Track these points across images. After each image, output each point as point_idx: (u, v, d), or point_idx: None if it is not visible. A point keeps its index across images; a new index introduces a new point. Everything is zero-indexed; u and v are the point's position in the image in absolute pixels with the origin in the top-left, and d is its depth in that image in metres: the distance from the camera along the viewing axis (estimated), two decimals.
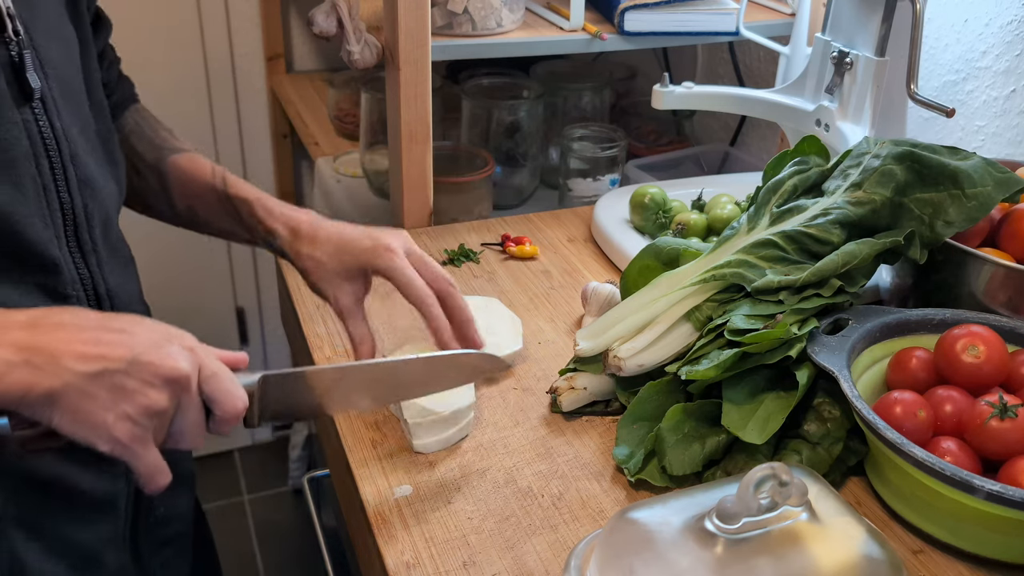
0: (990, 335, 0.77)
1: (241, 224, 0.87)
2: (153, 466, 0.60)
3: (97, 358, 0.56)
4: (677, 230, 1.11)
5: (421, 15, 1.07)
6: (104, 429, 0.56)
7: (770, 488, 0.60)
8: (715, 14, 1.27)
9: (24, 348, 0.55)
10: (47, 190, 0.67)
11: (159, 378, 0.58)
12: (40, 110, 0.67)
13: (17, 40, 0.65)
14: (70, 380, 0.55)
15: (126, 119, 0.91)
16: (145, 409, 0.57)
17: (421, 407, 0.80)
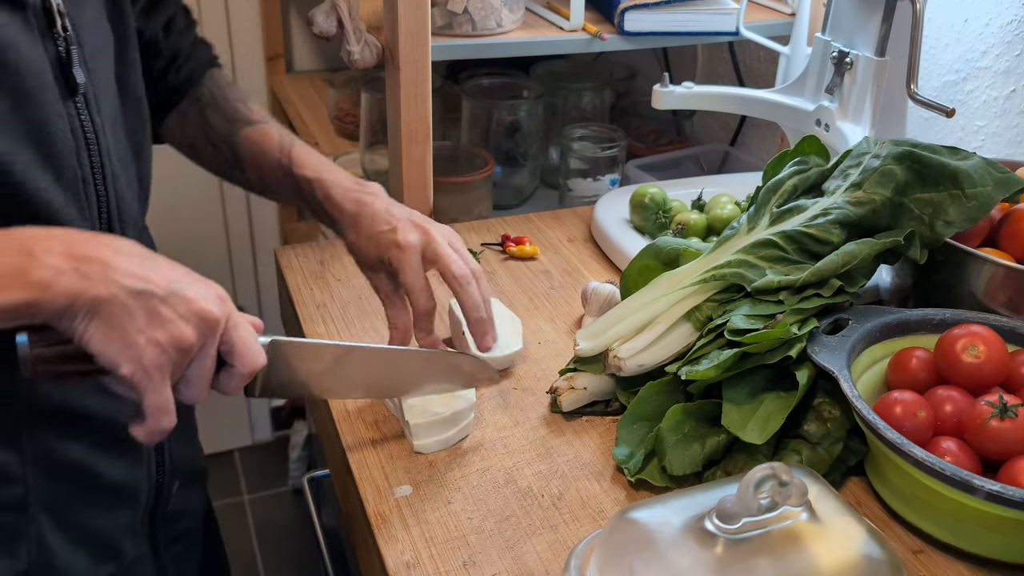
0: (990, 335, 0.77)
1: (304, 201, 0.88)
2: (164, 403, 0.59)
3: (143, 278, 0.57)
4: (677, 230, 1.11)
5: (421, 15, 1.07)
6: (134, 349, 0.57)
7: (770, 488, 0.60)
8: (715, 14, 1.27)
9: (74, 256, 0.56)
10: (86, 183, 0.69)
11: (193, 314, 0.59)
12: (82, 105, 0.68)
13: (65, 36, 0.66)
14: (116, 292, 0.56)
15: (202, 90, 0.92)
16: (175, 340, 0.58)
17: (422, 408, 0.80)
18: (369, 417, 0.86)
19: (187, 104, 0.93)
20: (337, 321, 1.00)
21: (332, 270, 1.10)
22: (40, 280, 0.54)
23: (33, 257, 0.55)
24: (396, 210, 0.82)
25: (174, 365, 0.59)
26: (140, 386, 0.58)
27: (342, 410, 0.87)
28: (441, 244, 0.80)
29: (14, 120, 0.62)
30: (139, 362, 0.57)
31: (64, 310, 0.55)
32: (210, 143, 0.92)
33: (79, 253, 0.56)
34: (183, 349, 0.59)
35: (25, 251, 0.55)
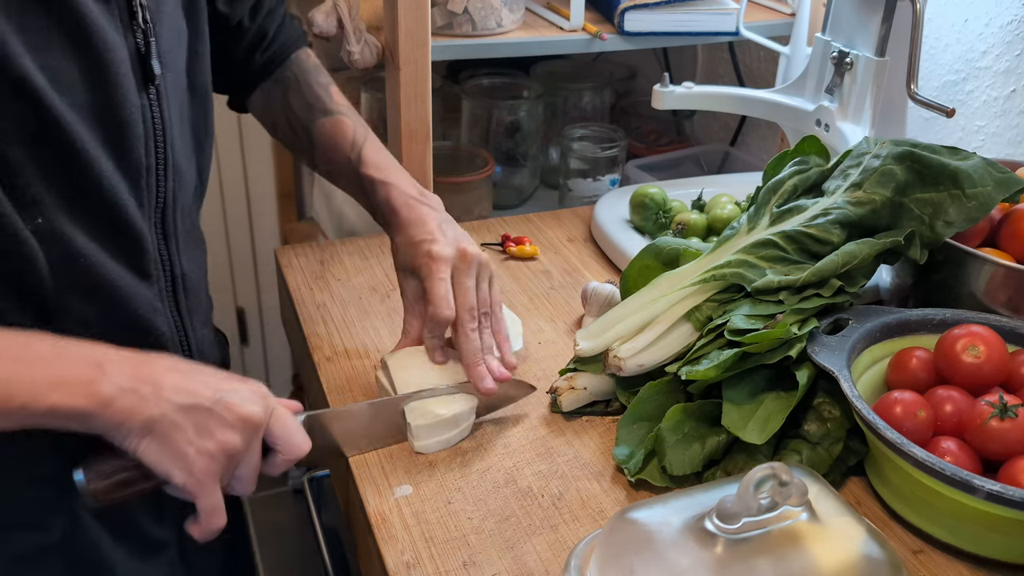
0: (990, 335, 0.77)
1: (365, 199, 0.92)
2: (215, 506, 0.65)
3: (191, 392, 0.63)
4: (677, 230, 1.11)
5: (421, 15, 1.07)
6: (185, 461, 0.62)
7: (770, 488, 0.60)
8: (715, 14, 1.27)
9: (135, 377, 0.61)
10: (149, 172, 0.70)
11: (238, 419, 0.64)
12: (155, 96, 0.70)
13: (144, 28, 0.68)
14: (167, 411, 0.61)
15: (287, 72, 0.94)
16: (223, 447, 0.63)
17: (423, 409, 0.80)
18: None
19: (271, 84, 0.95)
20: (337, 321, 1.00)
21: (332, 270, 1.10)
22: (104, 395, 0.59)
23: (105, 373, 0.60)
24: (447, 228, 0.86)
25: (223, 468, 0.64)
26: (193, 493, 0.64)
27: None
28: (470, 278, 0.83)
29: (93, 103, 0.64)
30: (191, 472, 0.63)
31: (118, 427, 0.60)
32: (290, 127, 0.95)
33: (141, 375, 0.61)
34: (231, 455, 0.64)
35: (99, 366, 0.60)
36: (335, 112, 0.93)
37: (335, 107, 0.94)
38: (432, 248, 0.82)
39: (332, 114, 0.93)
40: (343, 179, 0.94)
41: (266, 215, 2.12)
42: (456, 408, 0.81)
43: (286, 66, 0.95)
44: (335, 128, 0.92)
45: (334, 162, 0.93)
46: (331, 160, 0.93)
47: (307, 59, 0.96)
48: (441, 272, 0.81)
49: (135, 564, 0.78)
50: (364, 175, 0.90)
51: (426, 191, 0.90)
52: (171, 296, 0.76)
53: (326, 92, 0.94)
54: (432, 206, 0.88)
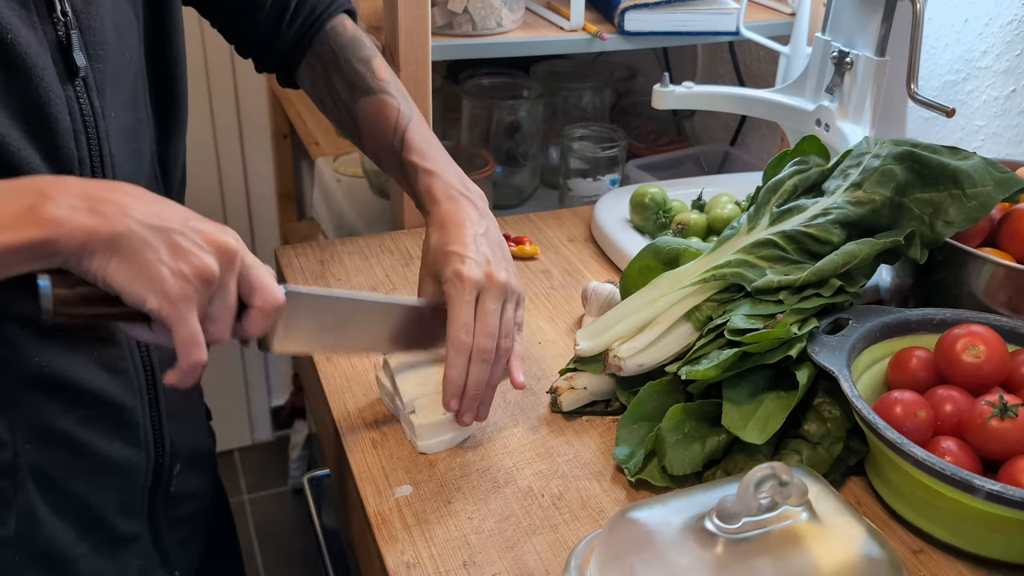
0: (990, 335, 0.77)
1: (408, 188, 0.89)
2: (194, 335, 0.60)
3: (158, 215, 0.58)
4: (677, 230, 1.11)
5: (421, 15, 1.07)
6: (159, 282, 0.57)
7: (770, 488, 0.60)
8: (715, 14, 1.27)
9: (89, 198, 0.56)
10: (83, 164, 0.69)
11: (211, 244, 0.60)
12: (82, 88, 0.69)
13: (65, 20, 0.67)
14: (133, 227, 0.57)
15: (324, 44, 0.91)
16: (198, 269, 0.59)
17: (426, 408, 0.80)
18: (369, 417, 0.86)
19: (313, 59, 0.92)
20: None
21: (332, 270, 1.10)
22: (54, 217, 0.54)
23: (48, 197, 0.55)
24: (484, 242, 0.81)
25: (199, 298, 0.59)
26: (169, 319, 0.58)
27: (342, 410, 0.87)
28: (494, 304, 0.78)
29: (11, 99, 0.63)
30: (165, 294, 0.57)
31: (81, 248, 0.55)
32: (335, 106, 0.92)
33: (94, 195, 0.57)
34: (207, 279, 0.59)
35: (40, 192, 0.55)
36: (377, 91, 0.90)
37: (378, 85, 0.90)
38: (462, 268, 0.77)
39: (374, 93, 0.89)
40: (389, 165, 0.91)
41: (266, 215, 2.12)
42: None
43: (322, 39, 0.91)
44: (378, 110, 0.89)
45: (379, 146, 0.90)
46: (376, 144, 0.90)
47: (344, 31, 0.92)
48: (466, 295, 0.77)
49: (99, 559, 0.77)
50: (407, 160, 0.87)
51: (470, 182, 0.87)
52: None
53: (368, 68, 0.90)
54: (474, 201, 0.84)
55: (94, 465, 0.75)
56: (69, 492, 0.74)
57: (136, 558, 0.81)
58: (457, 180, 0.86)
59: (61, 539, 0.74)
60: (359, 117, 0.90)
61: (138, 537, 0.81)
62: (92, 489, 0.76)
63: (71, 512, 0.74)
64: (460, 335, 0.76)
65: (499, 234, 0.84)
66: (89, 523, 0.76)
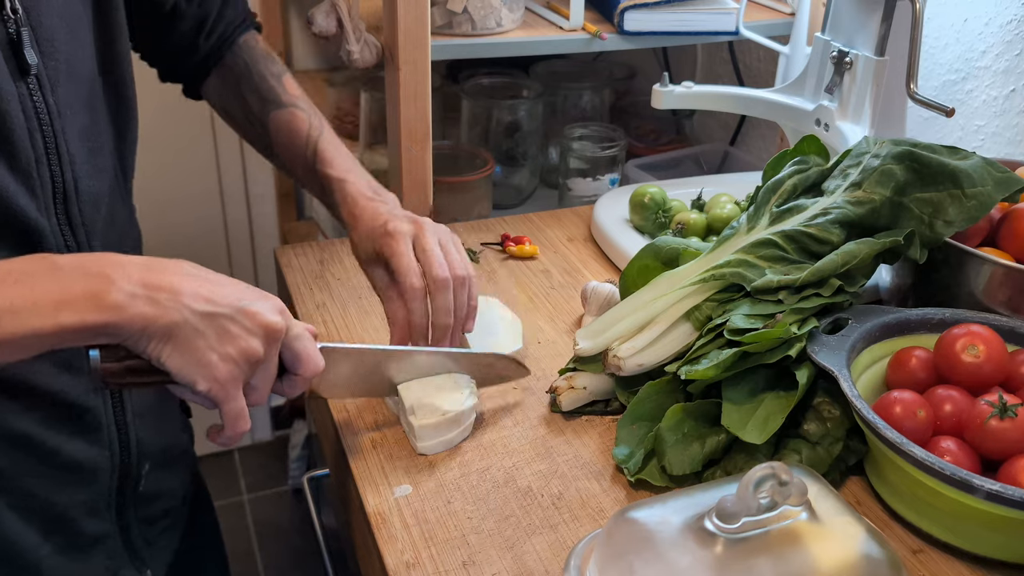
0: (990, 335, 0.77)
1: (323, 198, 0.92)
2: (240, 410, 0.64)
3: (210, 300, 0.62)
4: (677, 230, 1.11)
5: (420, 15, 1.07)
6: (208, 368, 0.61)
7: (770, 488, 0.60)
8: (715, 14, 1.27)
9: (147, 285, 0.59)
10: (39, 163, 0.69)
11: (258, 327, 0.63)
12: (35, 85, 0.68)
13: (15, 18, 0.67)
14: (188, 317, 0.60)
15: (236, 57, 0.93)
16: (245, 353, 0.63)
17: (426, 410, 0.80)
18: (369, 417, 0.86)
19: (224, 71, 0.94)
20: (337, 321, 1.00)
21: (332, 270, 1.10)
22: (116, 303, 0.58)
23: (111, 282, 0.58)
24: (397, 211, 0.85)
25: (245, 376, 0.64)
26: (218, 399, 0.63)
27: (342, 410, 0.87)
28: (429, 240, 0.82)
29: None
30: (215, 378, 0.62)
31: (139, 334, 0.59)
32: (245, 118, 0.94)
33: (152, 281, 0.60)
34: (252, 361, 0.64)
35: (104, 276, 0.58)
36: (288, 104, 0.92)
37: (289, 99, 0.93)
38: (388, 226, 0.82)
39: (285, 107, 0.92)
40: (302, 176, 0.93)
41: (266, 215, 2.12)
42: (458, 407, 0.81)
43: (235, 52, 0.93)
44: (290, 122, 0.92)
45: (291, 158, 0.92)
46: (287, 155, 0.93)
47: (256, 45, 0.95)
48: (401, 246, 0.81)
49: (64, 560, 0.77)
50: (320, 171, 0.90)
51: (382, 189, 0.90)
52: None
53: (279, 83, 0.93)
54: (387, 203, 0.87)
55: (56, 465, 0.74)
56: (31, 493, 0.74)
57: (105, 558, 0.81)
58: (368, 188, 0.89)
59: (23, 540, 0.73)
60: (271, 129, 0.93)
61: (106, 537, 0.80)
62: (55, 490, 0.75)
63: (33, 513, 0.74)
64: (410, 280, 0.80)
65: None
66: (53, 524, 0.75)
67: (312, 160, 0.90)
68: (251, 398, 0.66)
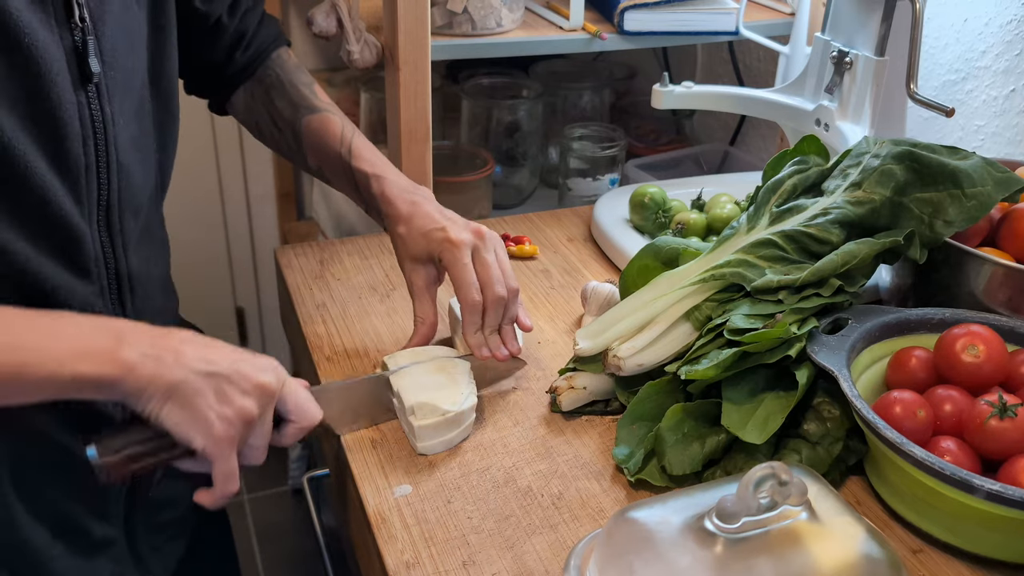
0: (990, 335, 0.77)
1: (358, 195, 0.93)
2: (231, 471, 0.68)
3: (209, 361, 0.65)
4: (677, 230, 1.11)
5: (420, 15, 1.07)
6: (206, 425, 0.64)
7: (770, 487, 0.60)
8: (715, 14, 1.27)
9: (155, 346, 0.64)
10: (88, 170, 0.70)
11: (254, 387, 0.67)
12: (94, 94, 0.69)
13: (82, 27, 0.68)
14: (188, 377, 0.64)
15: (268, 71, 0.95)
16: (241, 413, 0.66)
17: (426, 410, 0.80)
18: None
19: (253, 84, 0.95)
20: (337, 321, 1.00)
21: (332, 270, 1.10)
22: (128, 360, 0.62)
23: (125, 341, 0.63)
24: (448, 212, 0.88)
25: (240, 435, 0.67)
26: (212, 457, 0.66)
27: None
28: (489, 254, 0.85)
29: (24, 102, 0.64)
30: (211, 436, 0.65)
31: (141, 391, 0.63)
32: (275, 125, 0.95)
33: (158, 343, 0.64)
34: (247, 421, 0.67)
35: (119, 336, 0.63)
36: (321, 109, 0.94)
37: (321, 105, 0.95)
38: (450, 235, 0.84)
39: (318, 111, 0.94)
40: (334, 175, 0.94)
41: (266, 215, 2.12)
42: (458, 407, 0.81)
43: (267, 65, 0.95)
44: (322, 124, 0.93)
45: (324, 158, 0.93)
46: (321, 156, 0.94)
47: (288, 58, 0.97)
48: (464, 257, 0.83)
49: (74, 562, 0.77)
50: (356, 169, 0.91)
51: (418, 185, 0.91)
52: (115, 294, 0.76)
53: (310, 91, 0.95)
54: (427, 196, 0.89)
55: (69, 468, 0.75)
56: (43, 493, 0.74)
57: (110, 562, 0.81)
58: (406, 183, 0.91)
59: (36, 539, 0.74)
60: (302, 132, 0.94)
61: (113, 542, 0.81)
62: (67, 491, 0.76)
63: (46, 513, 0.75)
64: (471, 295, 0.83)
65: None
66: (63, 525, 0.76)
67: (347, 158, 0.91)
68: (249, 457, 0.70)
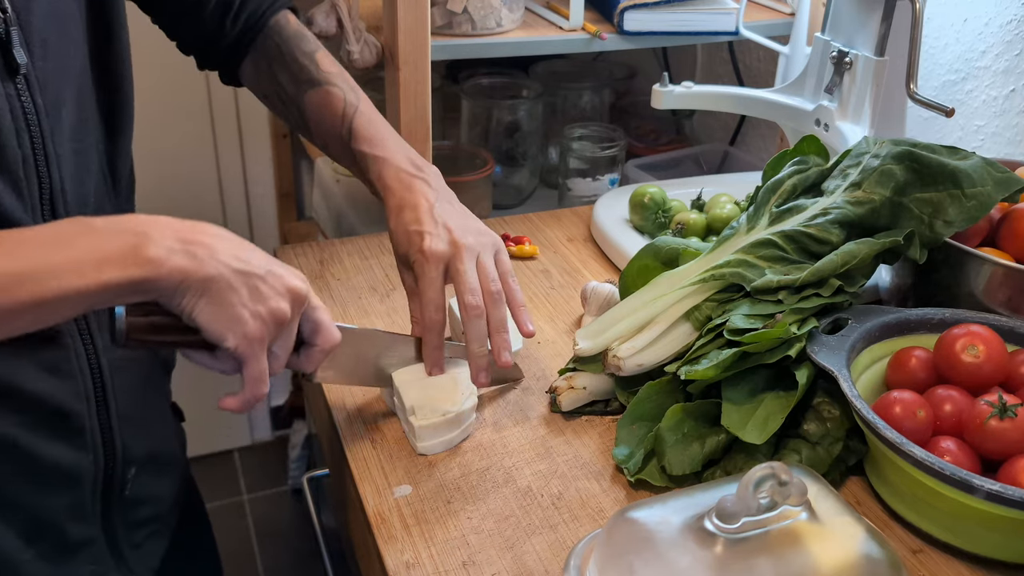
0: (990, 335, 0.77)
1: (360, 174, 0.91)
2: (262, 372, 0.66)
3: (243, 260, 0.64)
4: (676, 230, 1.11)
5: (420, 15, 1.07)
6: (239, 323, 0.63)
7: (770, 488, 0.60)
8: (715, 14, 1.27)
9: (183, 240, 0.61)
10: (26, 162, 0.68)
11: (287, 289, 0.66)
12: (23, 86, 0.68)
13: (4, 17, 0.66)
14: (223, 272, 0.62)
15: (268, 41, 0.92)
16: (273, 314, 0.65)
17: (426, 410, 0.80)
18: (369, 417, 0.86)
19: (258, 55, 0.93)
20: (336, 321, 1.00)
21: (332, 270, 1.10)
22: (156, 257, 0.59)
23: (148, 238, 0.59)
24: (440, 210, 0.83)
25: (270, 338, 0.65)
26: (244, 356, 0.64)
27: (342, 410, 0.87)
28: (465, 263, 0.81)
29: None
30: (244, 335, 0.63)
31: (176, 287, 0.60)
32: (280, 101, 0.94)
33: (187, 236, 0.61)
34: (280, 322, 0.65)
35: (140, 233, 0.59)
36: (322, 83, 0.91)
37: (322, 77, 0.91)
38: (424, 244, 0.80)
39: (319, 85, 0.90)
40: (338, 154, 0.92)
41: (266, 215, 2.12)
42: (459, 407, 0.81)
43: (266, 34, 0.92)
44: (324, 101, 0.90)
45: (327, 137, 0.92)
46: (324, 135, 0.92)
47: (287, 24, 0.93)
48: (432, 272, 0.80)
49: (46, 565, 0.75)
50: (356, 151, 0.89)
51: (424, 162, 0.88)
52: None
53: (312, 61, 0.91)
54: (428, 180, 0.85)
55: (38, 469, 0.73)
56: (12, 497, 0.72)
57: (89, 563, 0.79)
58: (408, 163, 0.87)
59: (4, 544, 0.72)
60: (306, 109, 0.92)
61: (91, 542, 0.79)
62: (37, 494, 0.74)
63: (15, 517, 0.72)
64: (431, 314, 0.80)
65: (458, 203, 0.87)
66: (35, 528, 0.74)
67: (348, 139, 0.89)
68: (271, 365, 0.67)
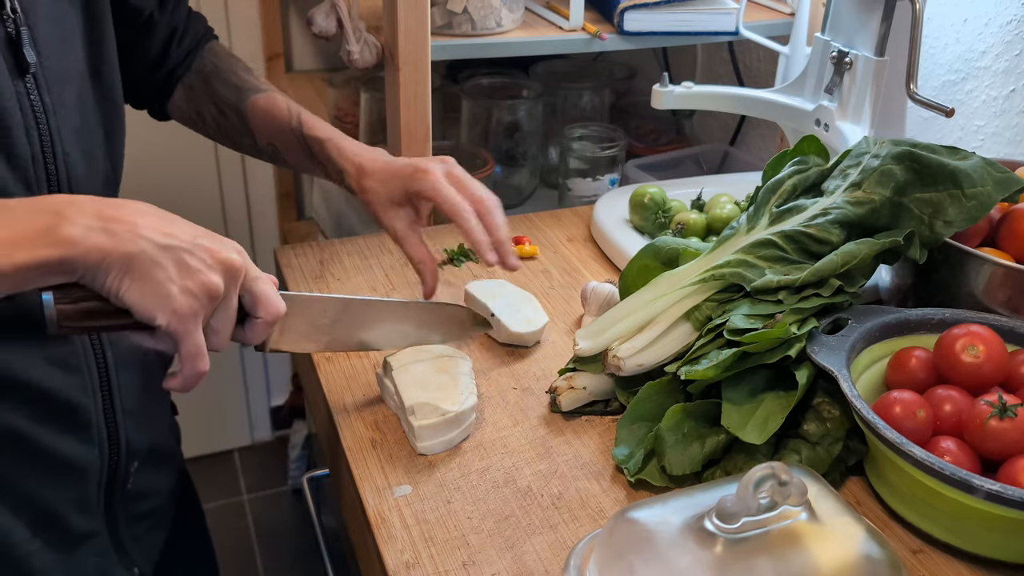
0: (990, 335, 0.77)
1: (315, 161, 0.95)
2: (198, 348, 0.63)
3: (167, 234, 0.61)
4: (676, 230, 1.11)
5: (421, 15, 1.07)
6: (168, 300, 0.60)
7: (770, 488, 0.60)
8: (715, 14, 1.27)
9: (103, 217, 0.59)
10: (35, 160, 0.70)
11: (218, 262, 0.63)
12: (32, 84, 0.69)
13: (14, 17, 0.68)
14: (145, 248, 0.59)
15: (204, 60, 0.97)
16: (204, 287, 0.62)
17: (426, 410, 0.80)
18: (369, 417, 0.86)
19: (191, 77, 0.97)
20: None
21: (331, 270, 1.10)
22: (71, 237, 0.57)
23: (64, 217, 0.57)
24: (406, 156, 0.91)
25: (204, 312, 0.63)
26: (176, 334, 0.62)
27: (342, 410, 0.87)
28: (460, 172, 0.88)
29: None
30: (174, 311, 0.61)
31: (96, 267, 0.58)
32: (219, 111, 0.96)
33: (107, 214, 0.59)
34: (212, 295, 0.62)
35: (56, 212, 0.58)
36: (265, 89, 0.96)
37: (264, 86, 0.97)
38: (419, 166, 0.86)
39: (262, 91, 0.96)
40: (287, 148, 0.96)
41: (266, 215, 2.12)
42: (459, 406, 0.81)
43: (203, 56, 0.97)
44: (268, 102, 0.95)
45: (276, 133, 0.95)
46: (272, 133, 0.95)
47: (221, 49, 0.99)
48: (440, 180, 0.86)
49: (53, 555, 0.76)
50: (309, 136, 0.93)
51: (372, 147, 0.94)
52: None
53: (251, 75, 0.98)
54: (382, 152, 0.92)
55: (46, 462, 0.74)
56: (20, 488, 0.74)
57: (93, 555, 0.80)
58: (359, 144, 0.93)
59: (13, 535, 0.73)
60: (249, 112, 0.95)
61: (95, 534, 0.80)
62: (44, 486, 0.75)
63: (23, 508, 0.74)
64: (460, 206, 0.85)
65: None
66: (42, 519, 0.75)
67: (298, 128, 0.93)
68: (212, 341, 0.65)
